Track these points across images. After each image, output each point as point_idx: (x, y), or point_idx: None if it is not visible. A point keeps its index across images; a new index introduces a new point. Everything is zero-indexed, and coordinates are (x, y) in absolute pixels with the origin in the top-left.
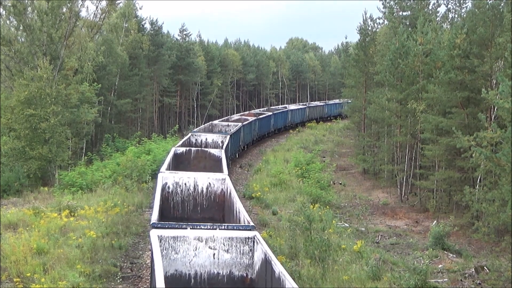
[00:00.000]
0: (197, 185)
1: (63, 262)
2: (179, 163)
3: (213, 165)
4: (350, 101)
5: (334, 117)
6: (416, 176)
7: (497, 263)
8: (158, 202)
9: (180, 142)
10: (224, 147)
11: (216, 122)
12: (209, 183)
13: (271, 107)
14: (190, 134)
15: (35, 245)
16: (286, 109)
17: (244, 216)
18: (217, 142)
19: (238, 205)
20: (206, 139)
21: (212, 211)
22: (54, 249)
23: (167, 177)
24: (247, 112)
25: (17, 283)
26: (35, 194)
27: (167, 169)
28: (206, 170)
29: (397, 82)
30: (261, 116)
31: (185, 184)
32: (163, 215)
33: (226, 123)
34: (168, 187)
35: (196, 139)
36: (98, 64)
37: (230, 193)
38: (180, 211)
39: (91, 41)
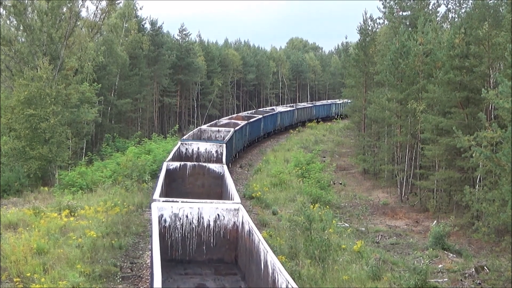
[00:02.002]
0: (202, 218)
1: (63, 262)
2: (172, 181)
3: (213, 183)
4: (341, 101)
5: (322, 119)
6: (416, 176)
7: (497, 263)
8: (158, 253)
9: (171, 155)
10: (224, 159)
11: (204, 127)
12: (218, 215)
13: (259, 109)
14: (179, 143)
15: (35, 245)
16: (275, 112)
17: (279, 271)
18: (211, 152)
19: (270, 256)
20: (198, 148)
21: (222, 251)
22: (54, 249)
23: (163, 208)
24: (235, 115)
25: (17, 283)
26: (35, 194)
27: (160, 195)
28: (205, 190)
29: (397, 82)
30: (251, 120)
31: (187, 216)
32: None
33: (216, 129)
34: (165, 221)
35: (186, 149)
36: (98, 64)
37: (249, 230)
38: (181, 251)
39: (91, 41)
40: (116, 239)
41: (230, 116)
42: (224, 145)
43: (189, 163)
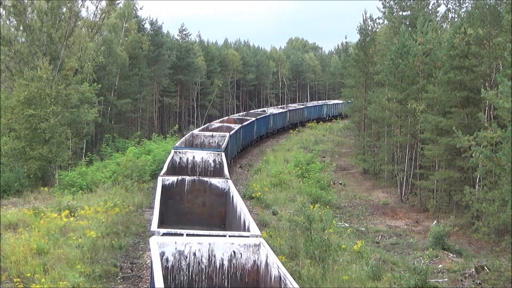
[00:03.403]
0: (214, 256)
1: (63, 262)
2: (168, 198)
3: (216, 202)
4: (332, 102)
5: (314, 120)
6: (416, 176)
7: (497, 263)
8: None
9: (165, 167)
10: (225, 171)
11: (196, 132)
12: (233, 252)
13: (250, 111)
14: (173, 151)
15: (35, 245)
16: (267, 114)
17: None
18: (208, 161)
19: None
20: (194, 157)
21: None
22: (54, 249)
23: (165, 243)
24: (226, 117)
25: (17, 283)
26: (35, 194)
27: (159, 225)
28: (206, 209)
29: (397, 82)
30: (245, 123)
31: (194, 254)
32: None
33: (209, 133)
34: (167, 260)
35: (181, 158)
36: (98, 64)
37: (279, 276)
38: None
39: (91, 41)
40: (116, 239)
41: (221, 119)
42: (223, 153)
43: (187, 178)
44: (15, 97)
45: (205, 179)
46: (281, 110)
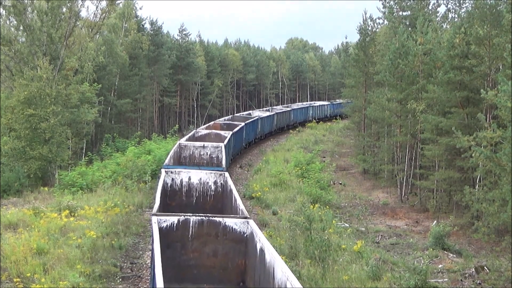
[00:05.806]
0: None
1: (63, 262)
2: (166, 246)
3: (231, 251)
4: (318, 104)
5: (300, 124)
6: (416, 176)
7: (497, 263)
8: None
9: (158, 198)
10: (238, 203)
11: (184, 142)
12: None
13: (235, 115)
14: (163, 171)
15: (35, 245)
16: (255, 118)
17: None
18: (208, 183)
19: None
20: (190, 178)
21: None
22: (54, 249)
23: None
24: (212, 122)
25: (17, 283)
26: (35, 194)
27: None
28: (218, 261)
29: (397, 82)
30: (236, 130)
31: None
32: None
33: (200, 144)
34: None
35: (173, 180)
36: (98, 64)
37: None
38: None
39: (91, 41)
40: (116, 239)
41: (207, 125)
42: (227, 174)
43: (192, 219)
44: (15, 97)
45: (217, 219)
46: (268, 113)
